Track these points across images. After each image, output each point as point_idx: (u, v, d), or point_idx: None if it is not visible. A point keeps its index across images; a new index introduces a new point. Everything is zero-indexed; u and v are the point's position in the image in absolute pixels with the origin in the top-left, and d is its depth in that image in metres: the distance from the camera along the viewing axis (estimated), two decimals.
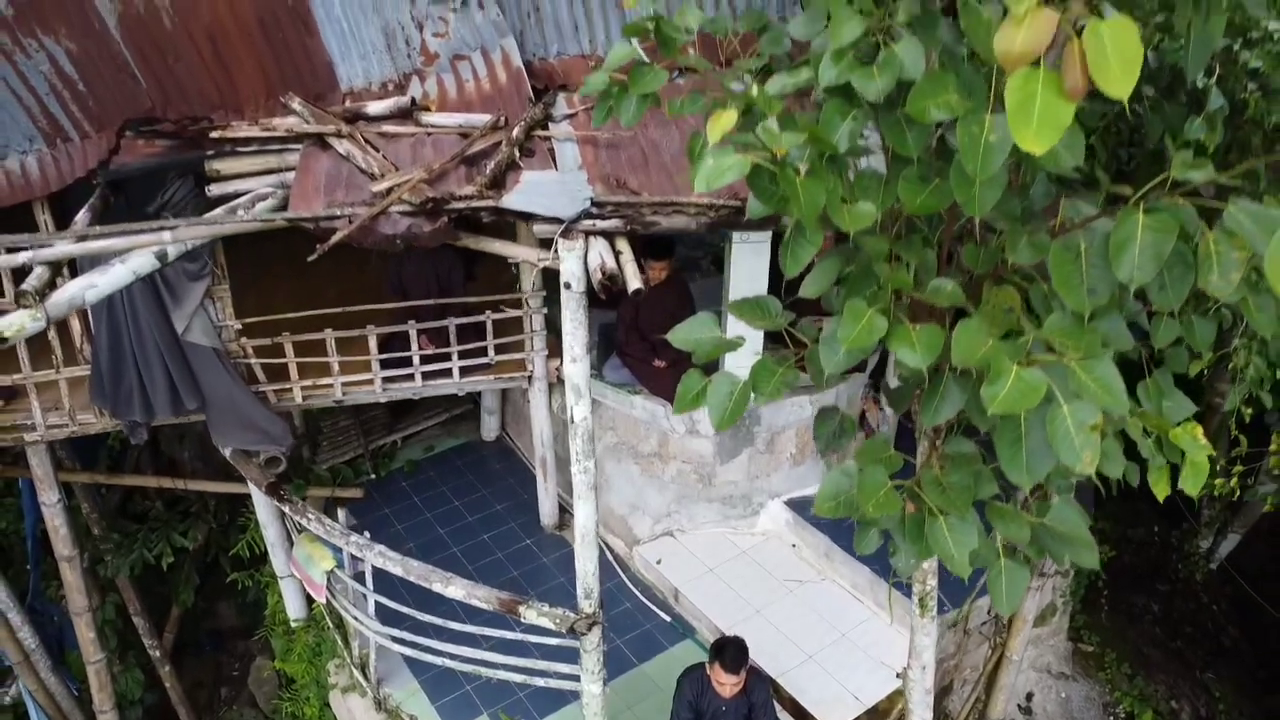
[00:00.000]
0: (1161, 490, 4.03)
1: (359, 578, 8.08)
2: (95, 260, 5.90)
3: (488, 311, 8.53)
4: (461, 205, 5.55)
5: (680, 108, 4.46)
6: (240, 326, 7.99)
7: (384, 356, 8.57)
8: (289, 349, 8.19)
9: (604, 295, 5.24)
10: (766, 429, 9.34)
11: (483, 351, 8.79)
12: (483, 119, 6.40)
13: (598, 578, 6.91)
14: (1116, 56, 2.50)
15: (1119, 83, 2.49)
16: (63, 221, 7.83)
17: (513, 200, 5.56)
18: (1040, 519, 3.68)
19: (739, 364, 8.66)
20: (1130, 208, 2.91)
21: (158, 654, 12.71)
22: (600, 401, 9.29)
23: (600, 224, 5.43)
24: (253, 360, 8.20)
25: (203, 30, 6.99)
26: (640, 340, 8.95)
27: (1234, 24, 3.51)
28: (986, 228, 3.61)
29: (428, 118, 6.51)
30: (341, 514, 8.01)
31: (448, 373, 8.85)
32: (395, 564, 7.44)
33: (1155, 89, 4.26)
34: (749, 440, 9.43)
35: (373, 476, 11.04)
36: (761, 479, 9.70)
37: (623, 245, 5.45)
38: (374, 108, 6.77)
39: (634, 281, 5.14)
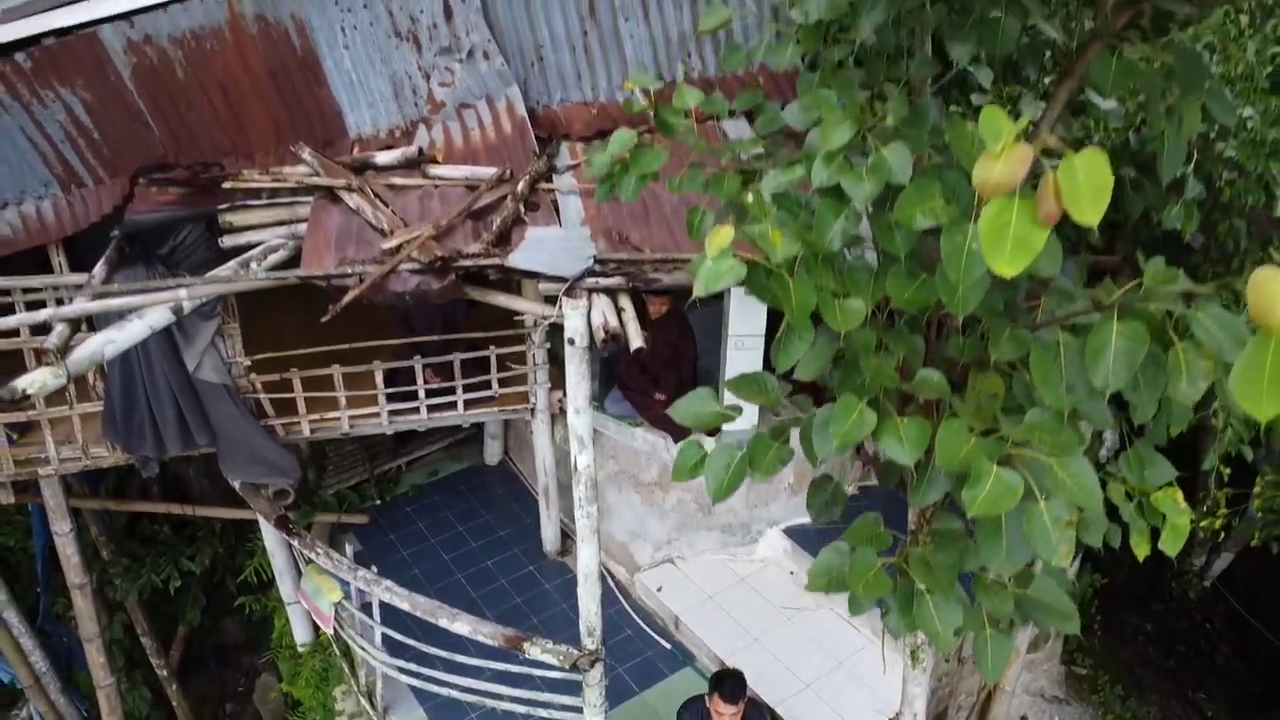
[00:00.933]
0: (1142, 551, 4.21)
1: (366, 609, 8.26)
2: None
3: (491, 346, 8.71)
4: (469, 263, 5.73)
5: (679, 186, 4.65)
6: (250, 363, 8.16)
7: (390, 391, 8.74)
8: (297, 384, 8.36)
9: (606, 353, 5.42)
10: None
11: (486, 384, 8.97)
12: (488, 172, 6.59)
13: (600, 616, 7.08)
14: (1088, 187, 2.67)
15: (1089, 212, 2.67)
16: (76, 262, 8.03)
17: (518, 259, 5.75)
18: (1023, 589, 3.87)
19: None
20: (1105, 316, 3.09)
21: (164, 673, 12.89)
22: (602, 432, 9.47)
23: (603, 281, 5.61)
24: (262, 395, 8.37)
25: (215, 81, 7.17)
26: (641, 373, 9.13)
27: (1209, 114, 3.68)
28: (972, 317, 3.79)
29: (435, 170, 6.69)
30: (350, 550, 8.18)
31: (452, 405, 9.03)
32: (402, 599, 7.61)
33: (1135, 168, 4.44)
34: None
35: (378, 502, 11.22)
36: (760, 507, 9.88)
37: (625, 302, 5.63)
38: (382, 158, 6.95)
39: (636, 340, 5.32)
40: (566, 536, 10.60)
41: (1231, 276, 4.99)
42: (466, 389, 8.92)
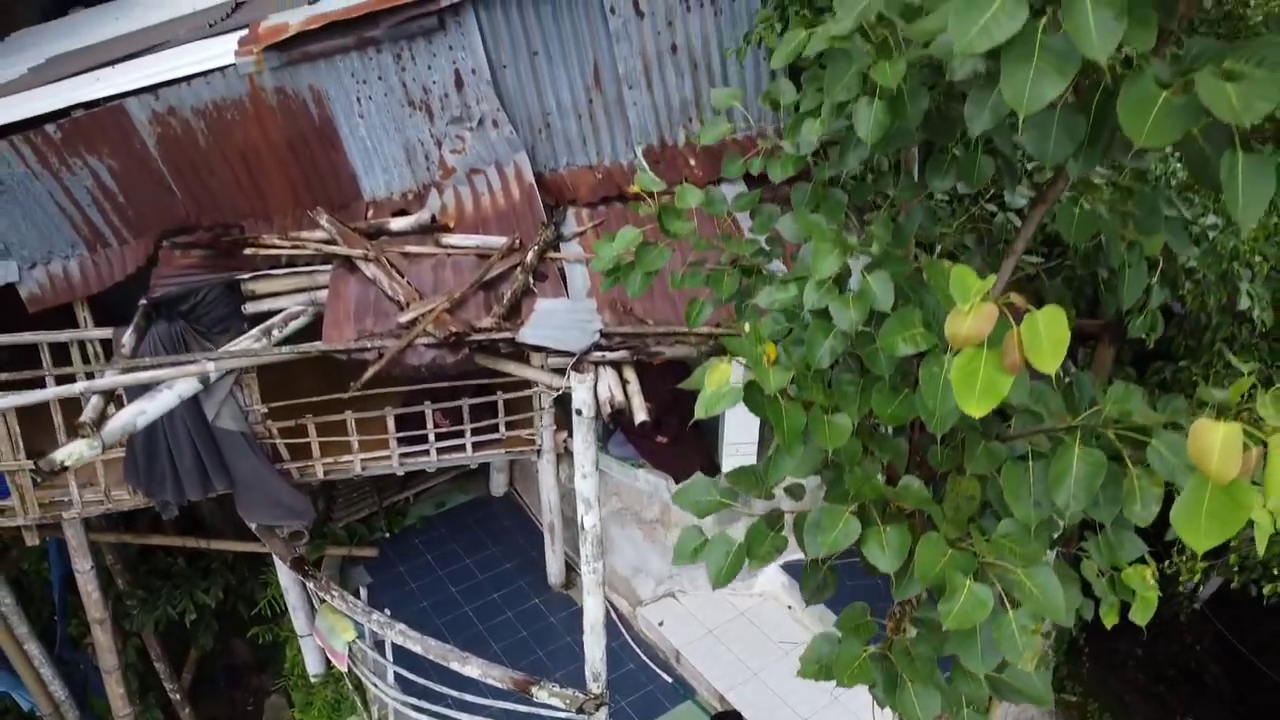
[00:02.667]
0: (1110, 621, 4.53)
1: (379, 646, 8.59)
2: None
3: (499, 390, 9.02)
4: (481, 338, 6.05)
5: (681, 282, 4.98)
6: (266, 410, 8.47)
7: (401, 435, 9.05)
8: (312, 429, 8.67)
9: (610, 424, 5.73)
10: None
11: (494, 426, 9.28)
12: (498, 241, 6.91)
13: (605, 662, 7.39)
14: (1049, 341, 2.99)
15: (1049, 360, 2.99)
16: (100, 315, 8.34)
17: (528, 334, 6.07)
18: (999, 673, 4.18)
19: (739, 445, 9.15)
20: (1068, 443, 3.41)
21: (178, 697, 13.20)
22: (605, 472, 9.78)
23: (609, 355, 5.92)
24: (278, 440, 8.69)
25: (235, 149, 7.49)
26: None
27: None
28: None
29: (447, 239, 7.01)
30: (363, 593, 8.48)
31: (461, 447, 9.34)
32: (415, 642, 7.93)
33: (1109, 271, 4.75)
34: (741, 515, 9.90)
35: (387, 535, 11.53)
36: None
37: (630, 375, 5.94)
38: (396, 224, 7.27)
39: (640, 414, 5.64)
40: (570, 569, 10.91)
41: (1198, 362, 5.30)
42: (474, 431, 9.23)
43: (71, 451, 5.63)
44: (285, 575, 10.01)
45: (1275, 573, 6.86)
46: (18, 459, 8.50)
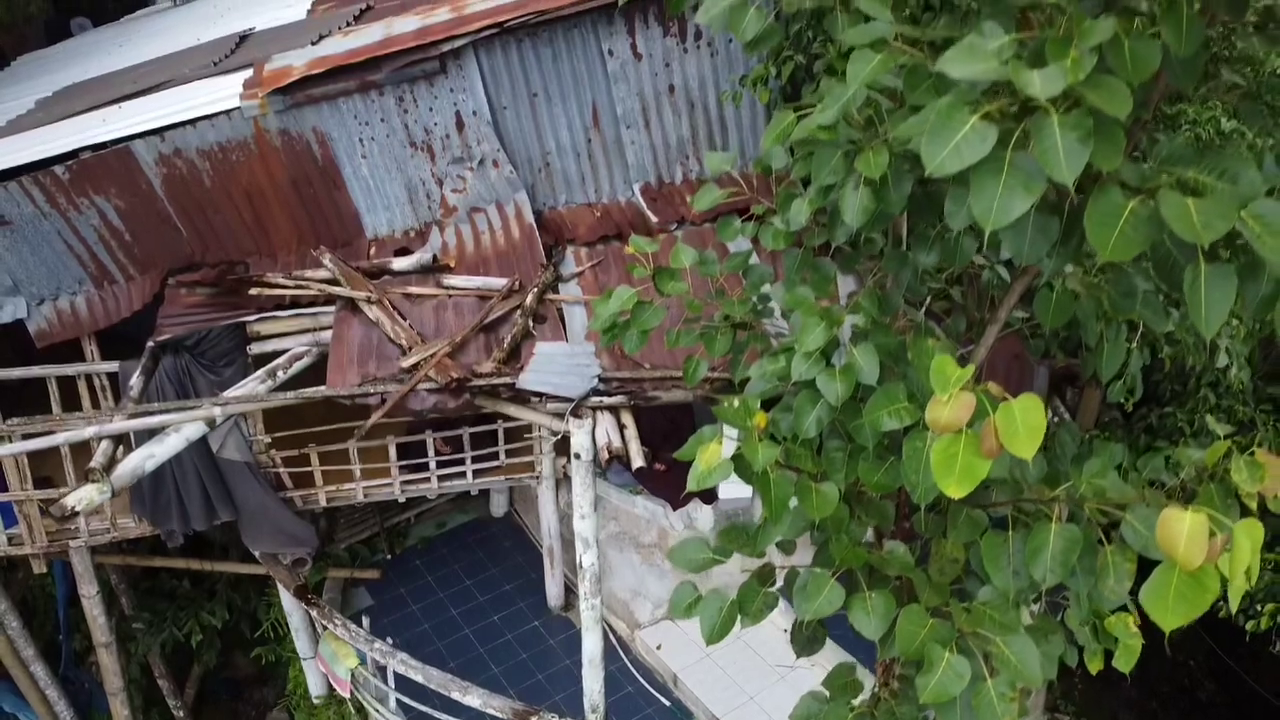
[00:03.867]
0: (1095, 667, 4.66)
1: (381, 673, 8.72)
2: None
3: (499, 419, 9.15)
4: (482, 383, 6.19)
5: (676, 341, 5.11)
6: (270, 440, 8.61)
7: (403, 463, 9.19)
8: (315, 458, 8.81)
9: (608, 470, 5.87)
10: None
11: (494, 454, 9.41)
12: (499, 283, 7.05)
13: (603, 695, 7.53)
14: (1024, 427, 3.12)
15: (1025, 447, 3.12)
16: (106, 349, 8.47)
17: (528, 380, 6.21)
18: None
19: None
20: (1045, 518, 3.55)
21: (181, 714, 13.33)
22: (604, 497, 9.92)
23: (606, 400, 6.06)
24: (281, 470, 8.83)
25: (240, 189, 7.63)
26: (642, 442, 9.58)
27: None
28: None
29: (449, 280, 7.15)
30: (365, 621, 8.62)
31: (462, 474, 9.48)
32: (416, 672, 8.07)
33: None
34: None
35: (388, 556, 11.66)
36: (754, 567, 10.31)
37: (627, 419, 6.08)
38: (398, 264, 7.41)
39: (637, 460, 5.77)
40: (570, 592, 11.04)
41: (1183, 407, 5.41)
42: (475, 459, 9.36)
43: (82, 497, 5.77)
44: (288, 599, 10.14)
45: (1259, 608, 6.99)
46: (25, 489, 8.66)
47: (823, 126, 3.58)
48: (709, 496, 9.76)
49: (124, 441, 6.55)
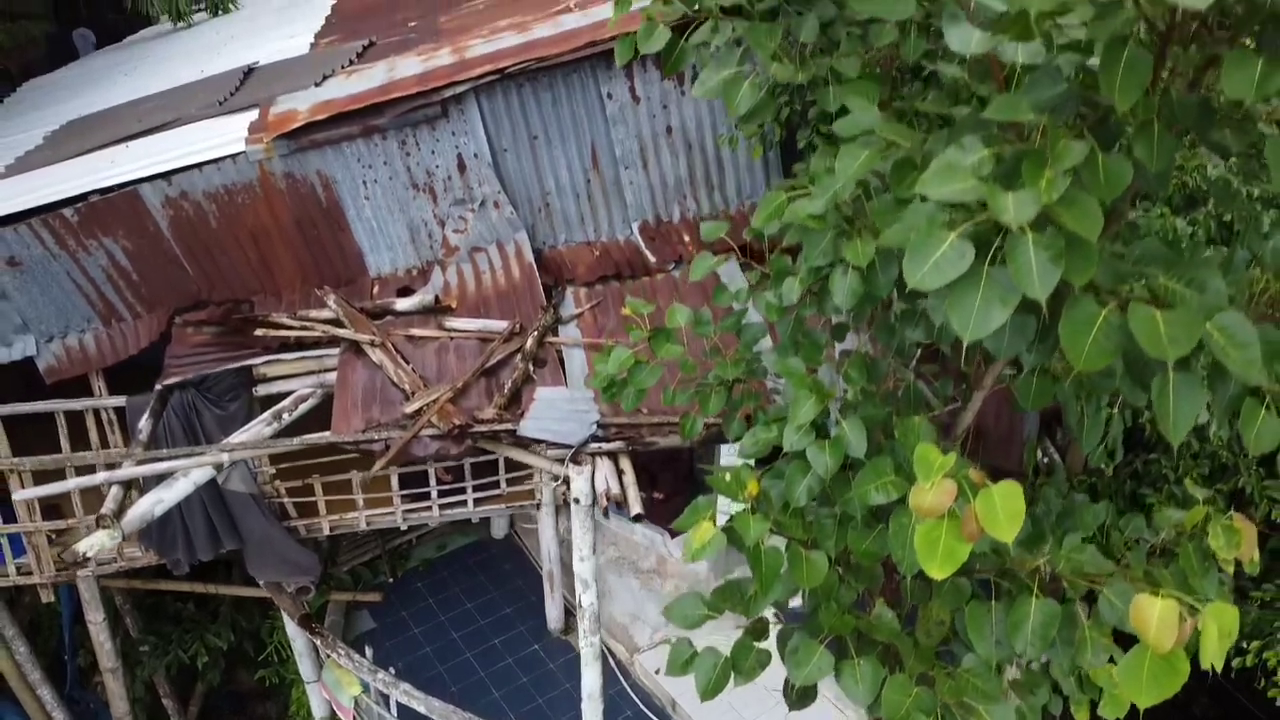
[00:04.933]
0: (1082, 717, 4.80)
1: (384, 701, 8.87)
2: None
3: None
4: (484, 429, 6.33)
5: (672, 399, 5.26)
6: (275, 471, 8.74)
7: (405, 492, 9.33)
8: (319, 489, 8.95)
9: (607, 515, 6.01)
10: None
11: (495, 482, 9.55)
12: (500, 325, 7.19)
13: None
14: (1004, 513, 3.26)
15: (1006, 531, 3.26)
16: (113, 384, 8.61)
17: (528, 428, 6.35)
18: None
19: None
20: (1025, 592, 3.69)
21: None
22: (603, 523, 10.06)
23: (605, 446, 6.20)
24: (285, 500, 8.96)
25: (246, 230, 7.77)
26: (641, 473, 9.70)
27: None
28: None
29: (451, 322, 7.29)
30: (369, 651, 8.75)
31: (463, 502, 9.61)
32: (419, 702, 8.22)
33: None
34: (740, 560, 10.18)
35: (390, 579, 11.80)
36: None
37: (625, 464, 6.22)
38: (401, 304, 7.55)
39: (635, 506, 5.91)
40: (569, 614, 11.17)
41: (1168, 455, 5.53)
42: (476, 487, 9.50)
43: (93, 543, 5.91)
44: (292, 623, 10.28)
45: (1245, 645, 7.13)
46: (34, 521, 8.80)
47: (812, 215, 3.72)
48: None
49: (134, 483, 6.69)
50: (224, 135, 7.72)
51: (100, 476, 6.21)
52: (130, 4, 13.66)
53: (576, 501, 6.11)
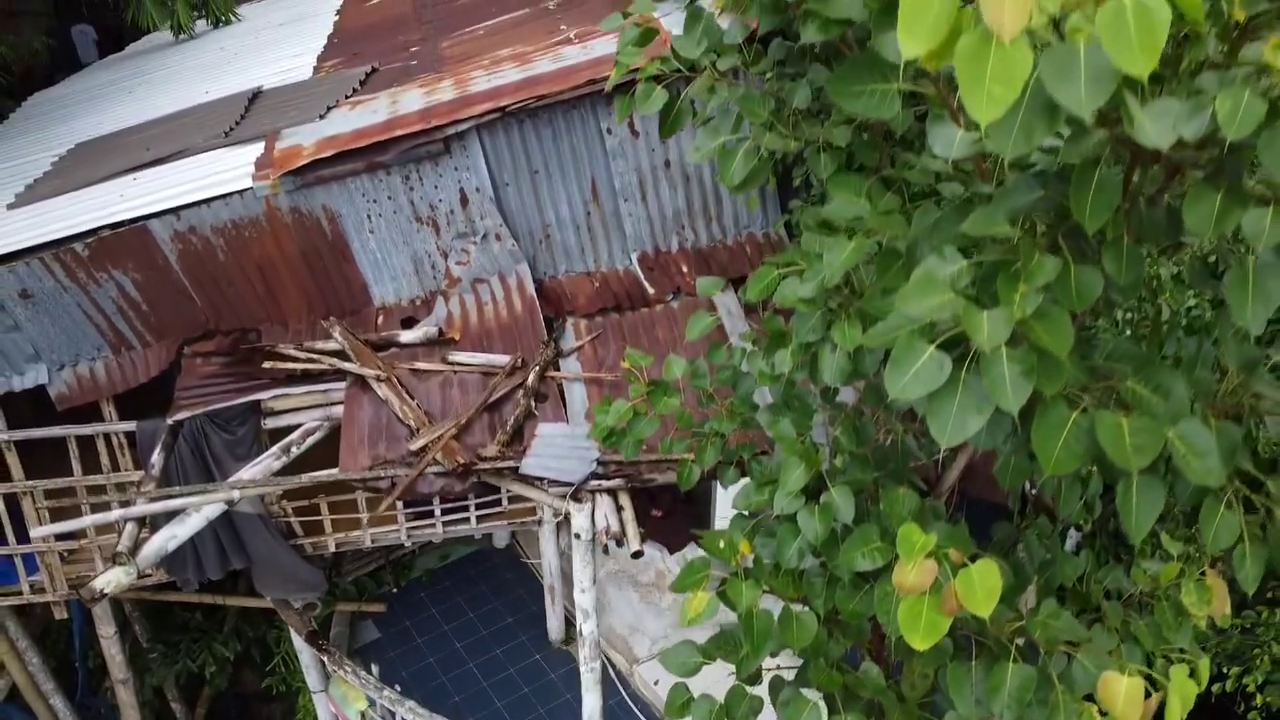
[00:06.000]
0: None
1: (390, 716, 9.11)
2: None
3: None
4: (487, 467, 6.53)
5: (670, 447, 5.46)
6: (281, 493, 8.95)
7: (409, 510, 9.54)
8: (324, 508, 9.15)
9: (607, 551, 6.22)
10: None
11: (497, 500, 9.75)
12: (502, 359, 7.37)
13: None
14: (982, 590, 3.45)
15: (983, 607, 3.46)
16: (123, 410, 8.80)
17: (530, 466, 6.55)
18: None
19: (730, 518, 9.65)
20: (1003, 657, 3.89)
21: None
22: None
23: (605, 484, 6.40)
24: (292, 519, 9.17)
25: (252, 262, 7.94)
26: (641, 491, 9.93)
27: None
28: None
29: (454, 356, 7.47)
30: (374, 670, 8.98)
31: (465, 519, 9.82)
32: (424, 719, 8.45)
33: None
34: None
35: (393, 590, 12.03)
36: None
37: (624, 500, 6.42)
38: (405, 337, 7.73)
39: (635, 543, 6.12)
40: (570, 624, 11.41)
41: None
42: (479, 505, 9.70)
43: (110, 579, 6.12)
44: (299, 640, 10.51)
45: (1225, 670, 7.35)
46: (47, 541, 9.01)
47: (802, 299, 3.91)
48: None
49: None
50: (231, 170, 7.88)
51: (115, 514, 6.41)
52: (131, 16, 13.75)
53: (577, 537, 6.31)
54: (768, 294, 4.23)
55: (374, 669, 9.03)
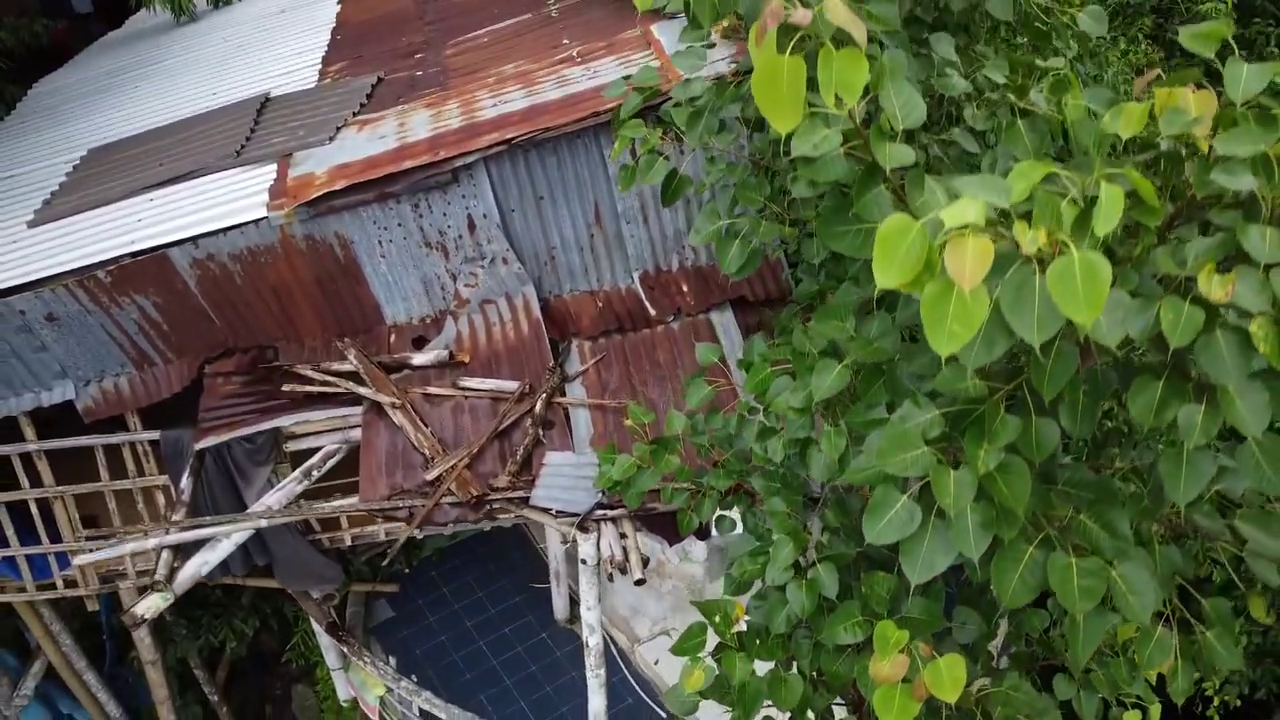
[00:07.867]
0: None
1: (407, 703, 9.73)
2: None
3: None
4: (499, 498, 6.96)
5: (670, 496, 5.87)
6: (301, 492, 9.40)
7: None
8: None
9: (611, 579, 6.68)
10: None
11: None
12: (510, 385, 7.74)
13: None
14: (949, 680, 3.89)
15: (949, 695, 3.90)
16: (147, 421, 9.19)
17: (539, 497, 6.98)
18: None
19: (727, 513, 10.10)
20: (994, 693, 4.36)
21: (215, 697, 14.49)
22: None
23: (610, 513, 6.84)
24: (310, 516, 9.64)
25: (268, 286, 8.26)
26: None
27: None
28: None
29: (464, 380, 7.83)
30: (393, 660, 9.54)
31: None
32: (440, 709, 9.05)
33: None
34: None
35: (405, 569, 12.60)
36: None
37: (627, 528, 6.87)
38: (418, 359, 8.09)
39: (637, 572, 6.58)
40: (574, 603, 12.00)
41: None
42: None
43: (149, 605, 6.59)
44: (319, 626, 11.09)
45: (1209, 690, 7.89)
46: (77, 539, 9.51)
47: (792, 408, 4.27)
48: (703, 533, 10.61)
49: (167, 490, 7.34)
50: (245, 195, 8.14)
51: (152, 542, 6.86)
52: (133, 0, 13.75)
53: (584, 562, 6.77)
54: (762, 390, 4.60)
55: (391, 661, 9.60)
